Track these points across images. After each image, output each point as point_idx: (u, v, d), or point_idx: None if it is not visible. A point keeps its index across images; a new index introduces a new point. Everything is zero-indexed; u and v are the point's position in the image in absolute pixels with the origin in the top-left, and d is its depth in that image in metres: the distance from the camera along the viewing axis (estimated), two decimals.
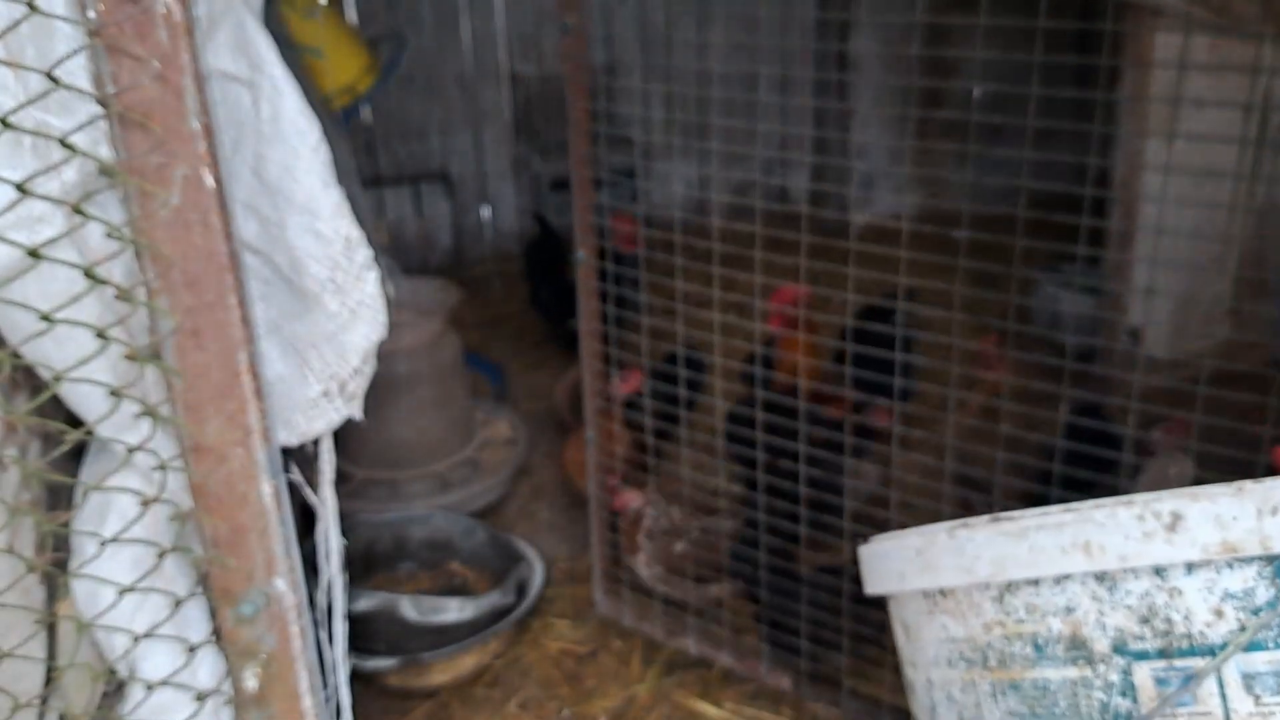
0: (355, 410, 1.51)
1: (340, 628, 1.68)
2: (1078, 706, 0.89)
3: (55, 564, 1.22)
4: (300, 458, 1.57)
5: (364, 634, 2.55)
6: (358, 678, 2.41)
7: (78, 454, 1.33)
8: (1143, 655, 0.87)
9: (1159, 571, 0.86)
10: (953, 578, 1.00)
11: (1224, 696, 0.82)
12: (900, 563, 1.10)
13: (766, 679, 2.64)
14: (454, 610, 2.63)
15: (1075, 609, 0.90)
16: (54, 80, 0.93)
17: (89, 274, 0.99)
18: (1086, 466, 1.97)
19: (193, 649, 1.22)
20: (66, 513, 1.24)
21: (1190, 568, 0.85)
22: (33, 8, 0.90)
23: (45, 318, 0.97)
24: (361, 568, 2.99)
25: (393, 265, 3.22)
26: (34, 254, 0.96)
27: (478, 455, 3.56)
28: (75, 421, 1.15)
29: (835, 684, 2.51)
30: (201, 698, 1.22)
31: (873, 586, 1.24)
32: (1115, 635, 0.88)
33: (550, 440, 3.85)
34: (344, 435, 1.65)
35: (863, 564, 1.27)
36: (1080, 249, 2.00)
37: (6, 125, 0.91)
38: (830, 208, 5.41)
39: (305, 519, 1.62)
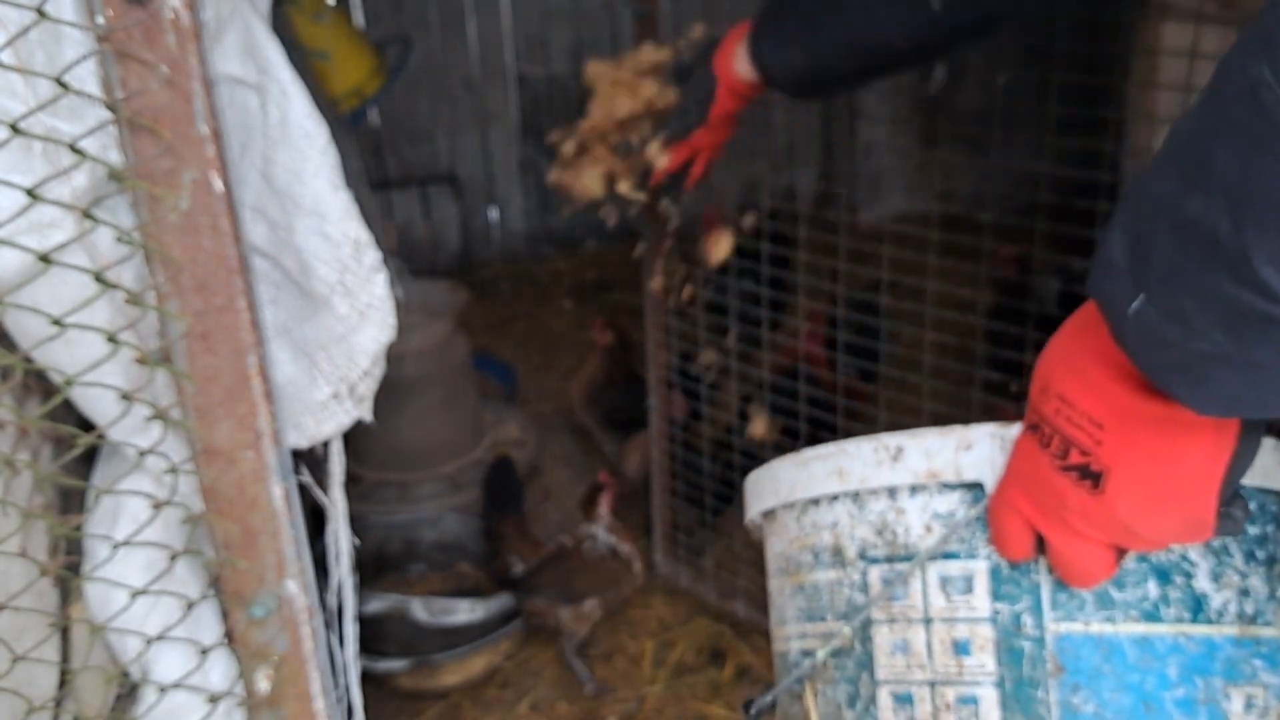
0: (365, 412, 1.51)
1: (351, 629, 1.68)
2: (834, 601, 1.14)
3: (68, 567, 1.22)
4: (310, 460, 1.57)
5: (375, 636, 2.56)
6: (369, 679, 2.42)
7: (89, 458, 1.33)
8: (875, 560, 1.10)
9: (892, 494, 1.09)
10: (770, 501, 1.26)
11: (925, 594, 1.05)
12: (750, 495, 1.34)
13: None
14: (465, 611, 2.63)
15: (837, 524, 1.14)
16: (63, 86, 0.93)
17: (99, 278, 0.99)
18: None
19: (205, 651, 1.22)
20: (79, 516, 1.25)
21: (913, 491, 1.07)
22: (42, 14, 0.91)
23: (56, 322, 0.98)
24: (372, 569, 3.00)
25: (401, 267, 3.23)
26: (45, 259, 0.96)
27: (488, 456, 3.56)
28: (87, 425, 1.15)
29: None
30: (214, 700, 1.22)
31: (746, 516, 1.45)
32: (860, 544, 1.12)
33: (560, 441, 3.85)
34: (354, 437, 1.65)
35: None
36: (1098, 234, 2.02)
37: (16, 131, 0.92)
38: (833, 207, 5.41)
39: (316, 521, 1.63)
